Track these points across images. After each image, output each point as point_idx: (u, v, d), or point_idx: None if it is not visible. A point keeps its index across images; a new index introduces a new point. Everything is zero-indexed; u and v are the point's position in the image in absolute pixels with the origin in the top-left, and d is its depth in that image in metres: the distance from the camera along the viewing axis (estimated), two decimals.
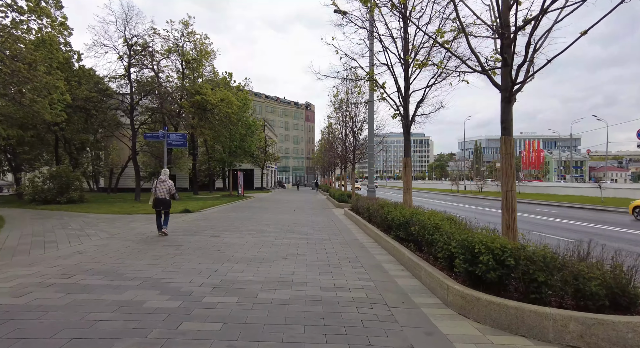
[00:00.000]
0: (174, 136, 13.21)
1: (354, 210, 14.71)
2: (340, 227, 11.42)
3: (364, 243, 8.44)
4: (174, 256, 6.37)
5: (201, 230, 9.78)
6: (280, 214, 15.23)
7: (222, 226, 10.63)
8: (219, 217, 13.42)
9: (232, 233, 9.37)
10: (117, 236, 8.49)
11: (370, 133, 17.88)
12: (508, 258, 3.80)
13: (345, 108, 21.26)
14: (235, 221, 12.24)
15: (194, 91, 24.32)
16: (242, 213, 15.10)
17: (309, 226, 11.39)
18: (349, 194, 21.33)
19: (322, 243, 8.31)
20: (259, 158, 45.85)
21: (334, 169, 38.51)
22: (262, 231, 9.89)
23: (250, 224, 11.38)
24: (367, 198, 14.04)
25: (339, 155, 27.70)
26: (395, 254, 6.76)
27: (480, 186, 44.81)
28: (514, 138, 5.25)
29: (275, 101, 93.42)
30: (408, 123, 9.90)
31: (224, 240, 8.18)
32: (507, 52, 4.98)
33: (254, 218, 13.41)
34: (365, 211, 11.51)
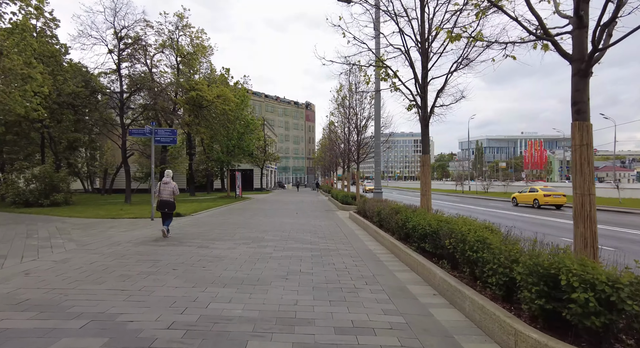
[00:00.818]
0: (162, 132, 11.94)
1: (361, 213, 13.45)
2: (347, 233, 10.14)
3: (378, 255, 7.16)
4: (146, 277, 5.09)
5: (189, 239, 8.50)
6: (280, 217, 13.95)
7: (214, 234, 9.35)
8: (212, 222, 12.15)
9: (224, 242, 8.09)
10: (86, 248, 7.20)
11: (376, 128, 16.62)
12: (625, 300, 2.52)
13: (349, 103, 20.00)
14: (230, 226, 10.96)
15: (189, 87, 23.06)
16: (239, 217, 13.82)
17: (312, 232, 10.12)
18: (353, 195, 20.08)
19: (329, 254, 7.03)
20: (258, 158, 44.58)
21: (335, 169, 37.22)
22: (259, 239, 8.61)
23: (246, 230, 10.10)
24: (375, 200, 12.79)
25: (342, 154, 26.44)
26: (422, 272, 5.47)
27: (486, 187, 43.53)
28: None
29: (275, 100, 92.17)
30: (426, 115, 8.66)
31: (213, 252, 6.90)
32: (584, 9, 3.71)
33: (251, 222, 12.13)
34: (376, 216, 10.24)
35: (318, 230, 10.58)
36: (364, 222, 11.28)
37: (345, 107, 20.05)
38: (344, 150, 26.11)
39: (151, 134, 11.81)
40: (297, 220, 13.34)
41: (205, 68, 31.23)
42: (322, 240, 8.85)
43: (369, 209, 11.72)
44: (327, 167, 44.53)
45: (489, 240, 4.23)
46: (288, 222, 12.40)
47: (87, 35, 18.40)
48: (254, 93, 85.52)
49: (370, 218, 11.52)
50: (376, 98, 16.88)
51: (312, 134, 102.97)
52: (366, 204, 12.79)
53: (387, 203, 11.21)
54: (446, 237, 5.13)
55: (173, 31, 23.80)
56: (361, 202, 14.00)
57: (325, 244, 8.26)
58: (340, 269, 5.85)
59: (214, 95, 23.62)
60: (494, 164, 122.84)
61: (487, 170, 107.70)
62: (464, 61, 7.85)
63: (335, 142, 25.56)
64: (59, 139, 22.83)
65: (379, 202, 12.34)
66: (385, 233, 8.57)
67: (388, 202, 11.16)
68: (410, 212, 7.64)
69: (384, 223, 9.56)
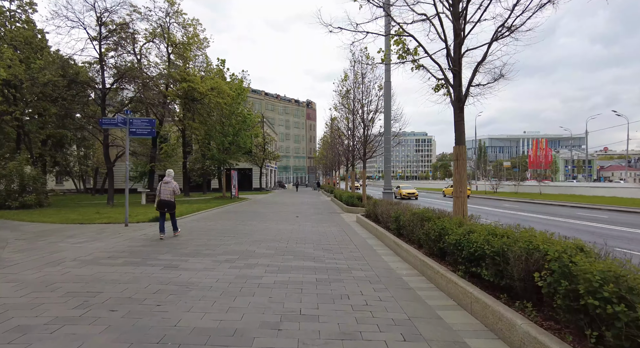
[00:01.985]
0: (138, 123, 10.11)
1: (371, 217, 11.61)
2: (359, 243, 8.29)
3: (405, 279, 5.33)
4: (56, 331, 3.23)
5: (157, 253, 6.67)
6: (277, 222, 12.11)
7: (193, 246, 7.51)
8: (196, 228, 10.31)
9: (201, 259, 6.25)
10: (5, 271, 5.34)
11: (386, 120, 14.79)
12: None
13: (354, 96, 18.13)
14: (216, 235, 9.12)
15: (180, 78, 21.23)
16: (229, 222, 11.97)
17: (315, 242, 8.27)
18: (359, 196, 18.22)
19: (339, 278, 5.20)
20: (257, 157, 42.76)
21: (337, 168, 35.34)
22: (248, 254, 6.76)
23: (234, 240, 8.25)
24: (387, 203, 10.96)
25: (346, 151, 24.56)
26: (485, 315, 3.61)
27: (495, 187, 41.63)
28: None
29: (276, 98, 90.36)
30: (460, 95, 6.84)
31: (182, 277, 5.06)
32: None
33: (243, 229, 10.29)
34: (393, 222, 8.40)
35: (322, 239, 8.74)
36: (377, 229, 9.43)
37: (351, 99, 18.18)
38: (347, 147, 24.29)
39: (125, 124, 9.97)
40: (298, 225, 11.50)
41: (201, 62, 29.44)
42: (328, 253, 7.00)
43: (382, 213, 9.89)
44: (328, 166, 42.63)
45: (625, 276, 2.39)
46: (286, 229, 10.55)
47: (63, 17, 16.55)
48: (254, 91, 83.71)
49: (384, 224, 9.69)
50: (385, 88, 15.06)
51: (313, 132, 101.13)
52: (377, 207, 10.95)
53: (405, 206, 9.38)
54: (524, 263, 3.29)
55: (163, 18, 21.98)
56: (370, 204, 12.16)
57: (333, 260, 6.41)
58: (359, 307, 4.00)
59: (208, 87, 21.81)
60: (496, 164, 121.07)
61: (491, 169, 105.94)
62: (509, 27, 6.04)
63: (339, 138, 23.67)
64: (38, 135, 20.98)
65: (393, 205, 10.52)
66: (409, 246, 6.72)
67: (406, 205, 9.32)
68: (446, 221, 5.80)
69: (404, 232, 7.74)
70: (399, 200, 16.73)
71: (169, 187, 8.36)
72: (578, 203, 22.28)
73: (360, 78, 17.78)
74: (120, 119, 9.73)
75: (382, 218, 9.98)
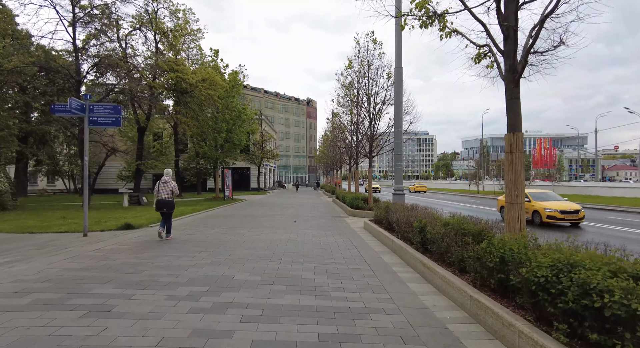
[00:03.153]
0: (99, 110, 8.21)
1: (383, 224, 9.73)
2: (373, 261, 6.40)
3: (458, 335, 3.42)
4: None
5: (94, 281, 4.78)
6: (271, 230, 10.22)
7: (151, 267, 5.62)
8: (169, 240, 8.42)
9: (154, 292, 4.37)
10: None
11: (397, 109, 12.92)
12: None
13: (357, 85, 16.22)
14: (190, 249, 7.23)
15: (168, 68, 19.34)
16: (213, 230, 10.08)
17: (317, 260, 6.38)
18: (364, 197, 16.33)
19: (355, 335, 3.30)
20: (255, 155, 40.87)
21: (339, 166, 33.37)
22: (223, 283, 4.87)
23: (211, 258, 6.36)
24: (402, 208, 9.11)
25: (349, 148, 22.67)
26: None
27: (504, 187, 39.62)
28: None
29: (275, 96, 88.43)
30: (515, 65, 5.05)
31: (103, 336, 3.18)
32: None
33: (227, 240, 8.40)
34: (416, 235, 6.52)
35: (325, 254, 6.85)
36: (393, 241, 7.53)
37: (355, 88, 16.27)
38: (350, 143, 22.39)
39: (82, 111, 8.06)
40: (295, 233, 9.60)
41: (195, 54, 27.58)
42: (334, 280, 5.11)
43: (399, 222, 8.01)
44: (329, 165, 40.67)
45: None
46: (281, 239, 8.65)
47: None
48: (253, 88, 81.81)
49: (401, 234, 7.82)
50: (397, 74, 13.18)
51: (314, 131, 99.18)
52: (391, 213, 9.07)
53: (430, 213, 7.52)
54: None
55: (149, 2, 20.05)
56: (381, 208, 10.26)
57: (343, 293, 4.53)
58: None
59: (198, 79, 19.91)
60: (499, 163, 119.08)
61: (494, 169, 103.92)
62: None
63: (343, 133, 21.71)
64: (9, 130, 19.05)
65: (411, 210, 8.65)
66: (450, 275, 4.83)
67: (431, 212, 7.45)
68: (509, 242, 3.93)
69: (433, 248, 5.88)
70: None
71: (167, 187, 8.18)
72: (603, 205, 20.38)
73: (366, 66, 15.86)
74: (76, 104, 7.80)
75: (398, 226, 8.09)
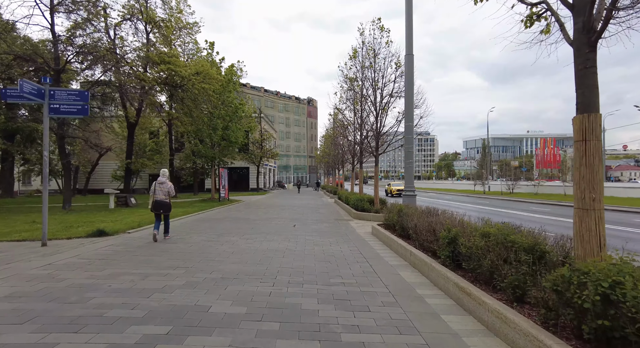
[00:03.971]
0: (62, 96, 6.91)
1: (395, 231, 8.42)
2: (392, 281, 5.08)
3: None
4: None
5: (5, 318, 3.49)
6: (267, 237, 8.91)
7: (102, 293, 4.31)
8: (145, 248, 7.12)
9: (89, 336, 3.07)
10: None
11: (407, 101, 11.63)
12: None
13: (362, 75, 14.90)
14: (164, 262, 5.92)
15: (159, 60, 18.05)
16: (201, 236, 8.77)
17: (320, 279, 5.06)
18: (370, 199, 15.01)
19: None
20: (254, 154, 39.56)
21: (341, 166, 32.01)
22: (192, 319, 3.54)
23: (186, 277, 5.04)
24: (418, 212, 7.83)
25: (352, 145, 21.35)
26: None
27: (511, 187, 38.31)
28: None
29: (275, 95, 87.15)
30: (590, 22, 3.66)
31: None
32: None
33: (213, 251, 7.09)
34: (444, 248, 5.25)
35: (331, 271, 5.54)
36: (411, 251, 6.21)
37: (359, 79, 14.94)
38: (353, 141, 21.08)
39: (40, 97, 6.75)
40: (295, 241, 8.29)
41: (191, 49, 26.31)
42: (345, 314, 3.79)
43: (418, 229, 6.70)
44: (331, 164, 39.31)
45: None
46: (278, 249, 7.34)
47: None
48: (253, 87, 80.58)
49: (419, 244, 6.53)
50: (407, 61, 11.90)
51: (315, 131, 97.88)
52: (406, 218, 7.77)
53: (455, 220, 6.25)
54: None
55: None
56: (393, 212, 8.94)
57: (357, 336, 3.21)
58: None
59: (192, 72, 18.63)
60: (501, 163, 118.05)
61: (497, 169, 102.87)
62: None
63: (346, 130, 20.38)
64: None
65: (429, 215, 7.38)
66: (499, 304, 3.51)
67: (459, 219, 6.16)
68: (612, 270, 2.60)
69: (468, 264, 4.59)
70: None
71: (163, 187, 8.04)
72: (622, 207, 19.03)
73: (373, 56, 14.54)
74: (30, 88, 6.46)
75: (416, 235, 6.78)
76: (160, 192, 7.98)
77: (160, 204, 7.92)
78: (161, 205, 7.93)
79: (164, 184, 8.04)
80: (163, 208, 7.97)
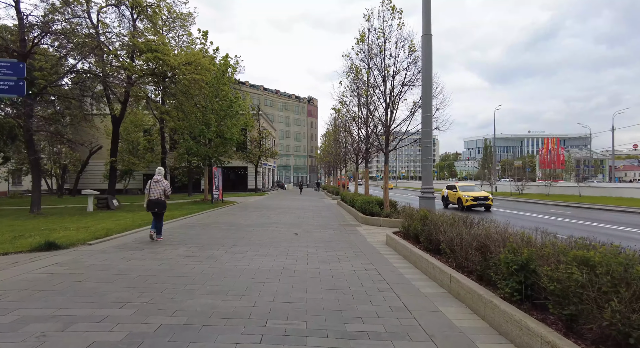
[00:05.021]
0: None
1: (420, 243, 6.74)
2: (437, 327, 3.41)
3: None
4: None
5: None
6: (259, 250, 7.25)
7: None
8: (98, 268, 5.46)
9: None
10: None
11: (425, 89, 10.04)
12: None
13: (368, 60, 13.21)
14: (107, 298, 4.28)
15: (145, 47, 16.40)
16: (176, 250, 7.08)
17: (333, 324, 3.40)
18: (379, 201, 13.32)
19: None
20: (252, 153, 37.90)
21: (344, 165, 30.32)
22: None
23: (128, 327, 3.37)
24: (450, 220, 6.21)
25: (356, 143, 19.71)
26: None
27: (520, 188, 36.65)
28: None
29: (275, 93, 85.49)
30: None
31: None
32: None
33: (185, 273, 5.43)
34: (508, 276, 3.58)
35: (345, 308, 3.88)
36: (452, 276, 4.54)
37: (367, 66, 13.26)
38: (357, 137, 19.44)
39: None
40: (294, 255, 6.63)
41: (185, 41, 24.68)
42: None
43: (453, 243, 5.05)
44: (332, 164, 37.61)
45: None
46: (271, 269, 5.68)
47: None
48: (252, 85, 78.91)
49: (457, 263, 4.88)
50: (425, 42, 10.26)
51: (315, 130, 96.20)
52: (433, 228, 6.12)
53: (507, 232, 4.62)
54: None
55: None
56: (416, 219, 7.28)
57: None
58: None
59: (182, 61, 16.98)
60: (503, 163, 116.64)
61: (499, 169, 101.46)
62: None
63: (350, 123, 18.71)
64: None
65: (464, 224, 5.77)
66: None
67: (520, 233, 4.51)
68: None
69: (564, 309, 2.91)
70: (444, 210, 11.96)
71: (159, 186, 7.91)
72: None
73: (383, 40, 12.85)
74: None
75: (452, 251, 5.14)
76: (156, 191, 7.82)
77: (155, 203, 7.79)
78: (156, 204, 7.79)
79: (160, 183, 7.88)
80: (158, 207, 7.83)
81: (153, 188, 7.86)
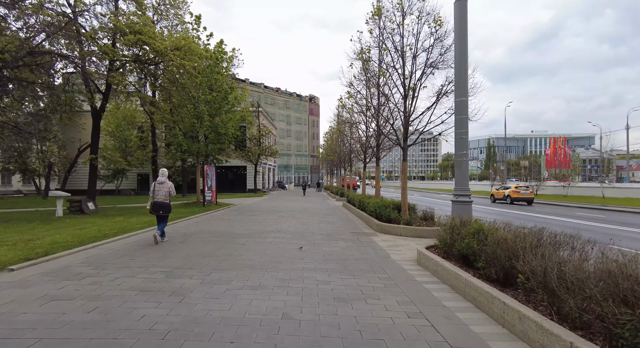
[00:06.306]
0: None
1: (483, 272, 4.73)
2: None
3: None
4: None
5: None
6: (250, 276, 5.27)
7: None
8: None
9: None
10: None
11: (459, 66, 8.10)
12: None
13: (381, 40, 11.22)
14: None
15: (128, 29, 14.44)
16: (131, 279, 5.12)
17: None
18: (396, 204, 11.24)
19: None
20: (251, 152, 35.89)
21: (349, 164, 28.25)
22: None
23: None
24: (521, 236, 4.17)
25: (363, 138, 17.71)
26: None
27: (535, 188, 34.58)
28: None
29: (276, 91, 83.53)
30: None
31: None
32: None
33: (122, 331, 3.44)
34: None
35: None
36: (569, 341, 2.55)
37: (381, 48, 11.23)
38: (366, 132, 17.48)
39: None
40: (297, 288, 4.65)
41: (179, 31, 22.75)
42: None
43: (549, 274, 3.05)
44: (335, 163, 35.48)
45: None
46: (264, 318, 3.70)
47: None
48: (252, 83, 76.95)
49: (559, 309, 2.87)
50: (459, 10, 8.31)
51: (316, 129, 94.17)
52: (500, 250, 4.13)
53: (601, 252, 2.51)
54: None
55: None
56: (466, 235, 5.28)
57: None
58: None
59: (169, 45, 15.02)
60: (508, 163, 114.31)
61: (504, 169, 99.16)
62: None
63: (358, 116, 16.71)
64: None
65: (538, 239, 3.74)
66: None
67: None
68: None
69: None
70: None
71: (163, 188, 7.70)
72: None
73: (401, 16, 10.83)
74: None
75: (556, 296, 3.15)
76: (160, 192, 7.66)
77: (159, 205, 7.63)
78: (161, 206, 7.64)
79: (164, 184, 7.72)
80: (163, 210, 7.68)
81: (157, 190, 7.62)
